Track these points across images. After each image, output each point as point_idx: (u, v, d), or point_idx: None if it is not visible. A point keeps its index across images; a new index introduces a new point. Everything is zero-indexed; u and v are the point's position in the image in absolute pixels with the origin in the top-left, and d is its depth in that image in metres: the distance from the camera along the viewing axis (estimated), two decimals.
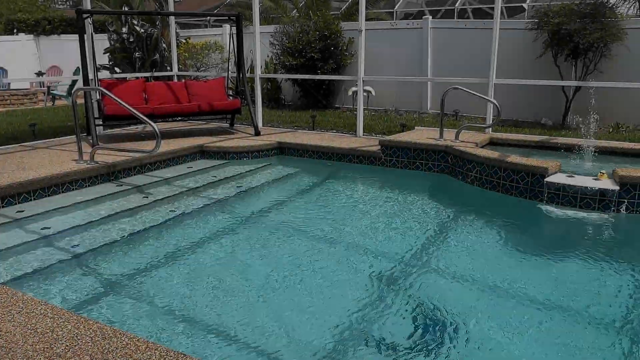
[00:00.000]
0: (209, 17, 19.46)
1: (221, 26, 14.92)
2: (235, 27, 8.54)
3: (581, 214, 5.07)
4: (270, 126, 9.93)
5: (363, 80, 8.26)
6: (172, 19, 10.35)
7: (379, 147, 6.98)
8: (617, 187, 5.01)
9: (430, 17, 13.24)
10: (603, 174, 5.30)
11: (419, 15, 15.78)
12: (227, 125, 9.29)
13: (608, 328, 3.07)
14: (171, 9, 9.97)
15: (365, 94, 11.92)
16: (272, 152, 7.63)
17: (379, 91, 12.21)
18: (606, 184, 5.12)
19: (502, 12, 17.28)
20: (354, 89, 11.55)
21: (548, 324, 3.13)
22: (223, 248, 4.37)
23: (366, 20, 8.34)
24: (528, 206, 5.38)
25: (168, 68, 10.92)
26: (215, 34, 14.73)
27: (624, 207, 5.02)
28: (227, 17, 9.40)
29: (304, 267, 3.95)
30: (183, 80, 9.44)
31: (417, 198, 5.87)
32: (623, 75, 9.08)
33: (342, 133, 9.14)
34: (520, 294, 3.51)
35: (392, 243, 4.48)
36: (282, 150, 7.71)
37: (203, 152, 7.34)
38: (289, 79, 13.05)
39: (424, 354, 2.79)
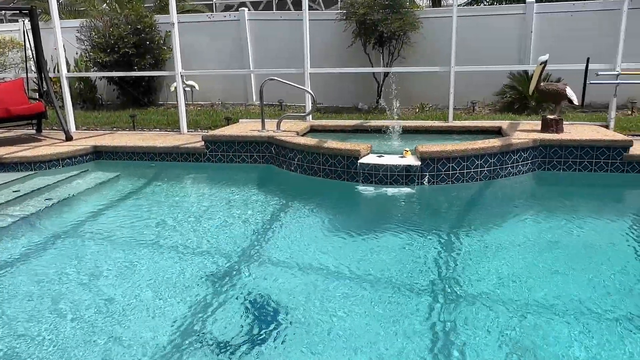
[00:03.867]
0: (4, 12, 17.20)
1: (17, 21, 13.32)
2: (30, 22, 7.68)
3: (392, 190, 5.54)
4: (86, 129, 9.20)
5: (182, 75, 8.01)
6: None
7: (203, 143, 6.85)
8: (419, 163, 5.56)
9: (247, 9, 13.31)
10: (407, 151, 5.84)
11: (240, 7, 15.78)
12: (33, 131, 8.37)
13: (425, 292, 3.37)
14: None
15: (189, 89, 11.61)
16: (87, 157, 7.05)
17: (204, 85, 11.96)
18: (410, 160, 5.65)
19: (319, 4, 18.17)
20: (175, 84, 11.15)
21: (374, 295, 3.34)
22: (31, 272, 3.91)
23: (184, 12, 8.10)
24: (347, 188, 5.72)
25: None
26: (12, 30, 13.11)
27: (426, 180, 5.60)
28: (18, 11, 8.40)
29: (129, 278, 3.71)
30: None
31: (243, 191, 5.89)
32: (422, 61, 10.10)
33: (167, 131, 8.82)
34: (347, 272, 3.69)
35: (221, 239, 4.43)
36: (99, 155, 7.18)
37: (2, 165, 6.50)
38: (104, 77, 12.12)
39: (260, 346, 2.81)
